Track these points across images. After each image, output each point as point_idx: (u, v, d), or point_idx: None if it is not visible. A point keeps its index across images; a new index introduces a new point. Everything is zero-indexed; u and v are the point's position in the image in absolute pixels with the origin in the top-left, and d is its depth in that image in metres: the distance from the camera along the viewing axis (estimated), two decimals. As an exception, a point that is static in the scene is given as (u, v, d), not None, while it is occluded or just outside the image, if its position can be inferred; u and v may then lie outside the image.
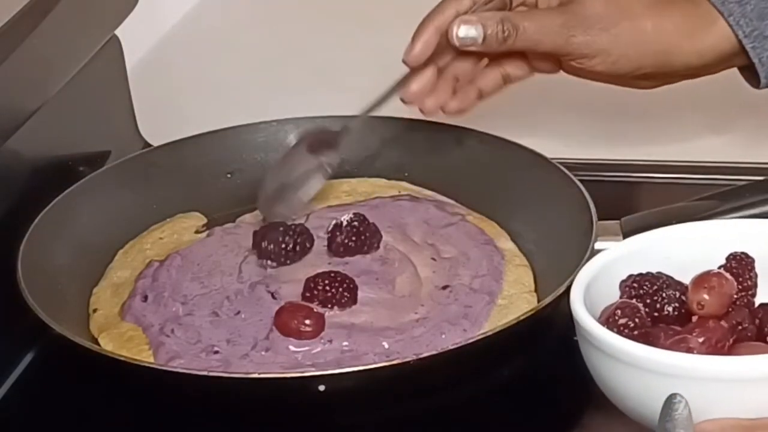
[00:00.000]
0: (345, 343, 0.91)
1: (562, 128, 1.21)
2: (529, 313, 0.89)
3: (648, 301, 0.83)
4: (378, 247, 1.00)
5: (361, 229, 1.00)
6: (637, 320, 0.79)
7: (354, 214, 1.01)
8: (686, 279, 0.83)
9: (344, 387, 0.85)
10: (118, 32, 1.18)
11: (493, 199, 1.06)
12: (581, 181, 1.01)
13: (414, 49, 0.97)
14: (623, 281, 0.84)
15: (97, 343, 0.93)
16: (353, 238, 0.99)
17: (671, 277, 0.84)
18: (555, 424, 0.89)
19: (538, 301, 0.94)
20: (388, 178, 1.12)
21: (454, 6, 0.97)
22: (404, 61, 0.98)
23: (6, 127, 0.98)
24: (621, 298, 0.83)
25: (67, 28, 1.06)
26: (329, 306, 0.93)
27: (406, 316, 0.94)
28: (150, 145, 1.19)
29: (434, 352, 0.85)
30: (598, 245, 0.92)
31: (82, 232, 1.03)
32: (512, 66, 1.02)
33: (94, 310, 0.98)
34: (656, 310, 0.83)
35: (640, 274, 0.84)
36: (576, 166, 1.04)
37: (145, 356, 0.92)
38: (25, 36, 0.97)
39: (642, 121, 1.22)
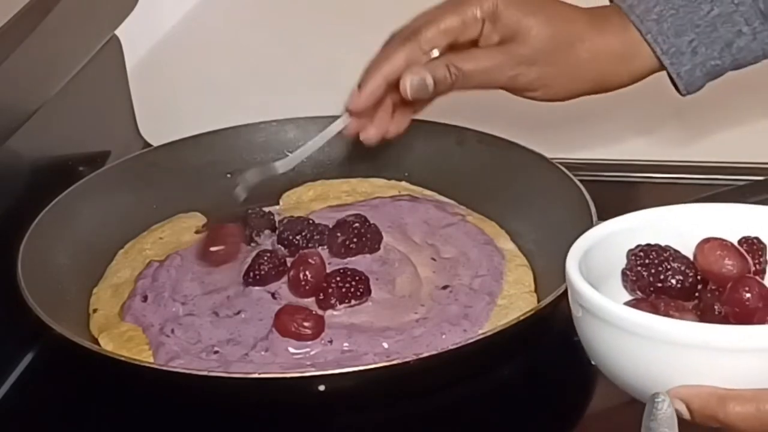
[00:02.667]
0: (345, 344, 0.91)
1: (562, 128, 1.21)
2: (529, 313, 0.89)
3: (653, 270, 0.83)
4: (378, 247, 1.00)
5: (362, 230, 1.00)
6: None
7: (355, 214, 1.01)
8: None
9: (344, 387, 0.85)
10: (118, 32, 1.18)
11: (493, 199, 1.06)
12: (581, 181, 1.01)
13: (360, 99, 0.99)
14: (631, 249, 0.84)
15: (97, 343, 0.93)
16: (354, 239, 0.99)
17: (678, 251, 0.84)
18: (555, 424, 0.89)
19: (538, 301, 0.94)
20: (388, 178, 1.12)
21: (404, 55, 0.97)
22: (347, 109, 1.00)
23: (6, 127, 0.99)
24: (627, 266, 0.83)
25: (67, 28, 1.06)
26: (347, 301, 0.93)
27: (406, 316, 0.94)
28: (150, 145, 1.19)
29: (434, 352, 0.85)
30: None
31: (82, 232, 1.03)
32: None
33: (94, 310, 0.98)
34: (660, 281, 0.83)
35: (648, 244, 0.84)
36: (576, 166, 1.04)
37: (145, 356, 0.92)
38: (25, 36, 0.97)
39: (642, 121, 1.22)
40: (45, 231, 0.99)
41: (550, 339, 0.94)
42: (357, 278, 0.94)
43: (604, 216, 0.97)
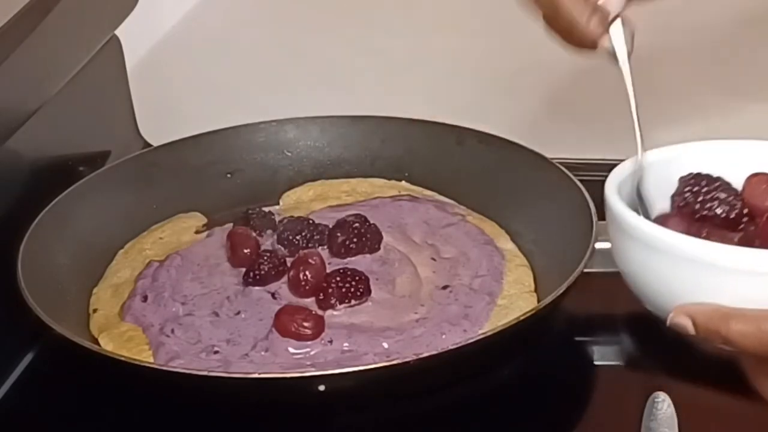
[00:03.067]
0: (345, 344, 0.91)
1: (562, 128, 1.21)
2: (529, 313, 0.89)
3: (701, 198, 0.84)
4: (378, 247, 1.00)
5: (362, 230, 1.00)
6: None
7: (355, 214, 1.01)
8: None
9: (344, 387, 0.85)
10: (118, 32, 1.18)
11: (493, 199, 1.06)
12: (581, 181, 1.01)
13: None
14: (683, 177, 0.86)
15: (97, 343, 0.93)
16: (354, 239, 0.99)
17: (729, 183, 0.85)
18: (555, 424, 0.89)
19: (538, 301, 0.94)
20: (388, 178, 1.12)
21: None
22: None
23: (6, 127, 0.98)
24: (677, 191, 0.86)
25: (67, 28, 1.06)
26: (347, 301, 0.93)
27: (406, 316, 0.94)
28: (150, 145, 1.19)
29: (434, 352, 0.85)
30: (598, 245, 0.92)
31: (82, 232, 1.03)
32: None
33: (94, 310, 0.98)
34: (706, 209, 0.84)
35: (699, 173, 0.85)
36: (576, 166, 1.04)
37: (145, 356, 0.92)
38: (25, 36, 0.97)
39: (642, 121, 1.22)
40: (45, 231, 0.99)
41: (550, 339, 0.94)
42: (357, 278, 0.94)
43: (603, 216, 0.97)
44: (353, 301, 0.94)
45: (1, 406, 0.93)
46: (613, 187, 0.86)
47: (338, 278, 0.94)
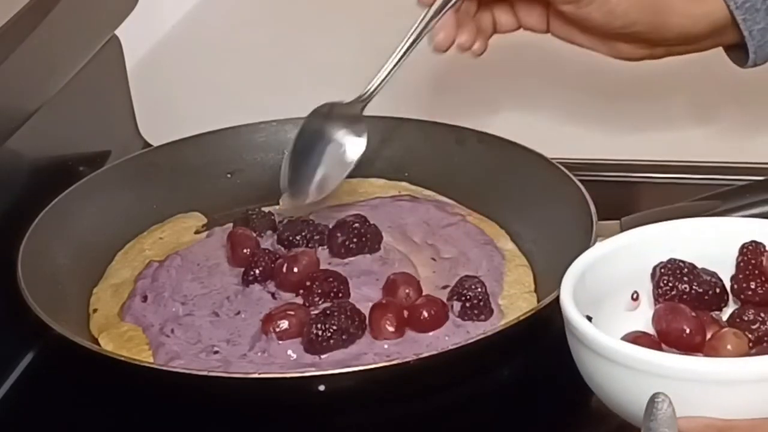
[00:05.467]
0: (345, 344, 0.91)
1: (562, 128, 1.21)
2: (529, 313, 0.89)
3: (693, 282, 0.83)
4: (378, 247, 1.00)
5: (362, 230, 1.00)
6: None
7: (355, 214, 1.01)
8: None
9: (344, 387, 0.85)
10: (118, 32, 1.18)
11: (493, 199, 1.06)
12: (581, 181, 1.01)
13: None
14: (657, 264, 0.84)
15: (97, 343, 0.93)
16: (354, 240, 0.99)
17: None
18: (555, 424, 0.89)
19: (538, 301, 0.94)
20: (388, 178, 1.12)
21: None
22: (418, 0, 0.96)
23: (6, 127, 0.98)
24: (655, 278, 0.84)
25: (67, 28, 1.06)
26: (327, 300, 0.93)
27: (406, 316, 0.94)
28: (150, 145, 1.19)
29: (434, 352, 0.85)
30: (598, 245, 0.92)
31: (82, 232, 1.03)
32: (501, 13, 1.00)
33: (94, 310, 0.98)
34: (699, 293, 0.83)
35: (672, 259, 0.84)
36: (576, 166, 1.04)
37: (145, 356, 0.92)
38: (25, 36, 0.97)
39: (642, 121, 1.22)
40: (45, 231, 0.99)
41: (550, 339, 0.94)
42: (334, 278, 0.94)
43: (603, 216, 0.97)
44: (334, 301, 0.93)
45: (1, 406, 0.93)
46: (570, 289, 0.81)
47: (317, 282, 0.94)
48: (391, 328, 0.91)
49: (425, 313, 0.92)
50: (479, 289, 0.93)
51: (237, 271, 0.99)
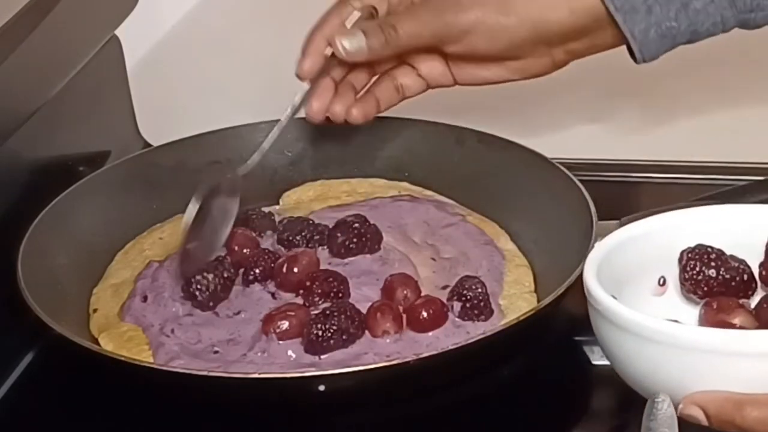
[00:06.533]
0: (345, 344, 0.91)
1: (562, 128, 1.21)
2: (529, 313, 0.89)
3: (721, 268, 0.83)
4: (378, 247, 1.00)
5: (362, 230, 1.00)
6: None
7: (355, 215, 1.01)
8: None
9: (344, 387, 0.85)
10: (118, 32, 1.18)
11: (493, 199, 1.06)
12: (581, 181, 1.01)
13: (305, 62, 1.00)
14: (685, 250, 0.85)
15: (97, 343, 0.93)
16: (354, 240, 0.99)
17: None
18: (555, 424, 0.89)
19: (538, 301, 0.94)
20: (388, 178, 1.12)
21: (338, 16, 0.99)
22: (297, 75, 1.00)
23: (6, 127, 0.98)
24: (682, 263, 0.84)
25: (67, 28, 1.06)
26: (327, 300, 0.93)
27: (406, 316, 0.94)
28: (150, 145, 1.19)
29: (434, 352, 0.85)
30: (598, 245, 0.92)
31: (82, 232, 1.03)
32: (404, 76, 1.02)
33: (94, 310, 0.98)
34: (726, 279, 0.83)
35: (700, 245, 0.85)
36: (576, 166, 1.04)
37: (145, 356, 0.92)
38: (25, 36, 0.97)
39: (642, 121, 1.22)
40: (45, 231, 0.99)
41: (550, 339, 0.94)
42: (335, 279, 0.95)
43: (603, 216, 0.97)
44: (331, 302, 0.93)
45: (1, 406, 0.93)
46: (593, 268, 0.83)
47: (318, 281, 0.94)
48: (388, 328, 0.91)
49: (424, 313, 0.92)
50: (479, 290, 0.93)
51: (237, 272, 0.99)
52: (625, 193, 1.14)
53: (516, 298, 0.96)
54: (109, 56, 1.18)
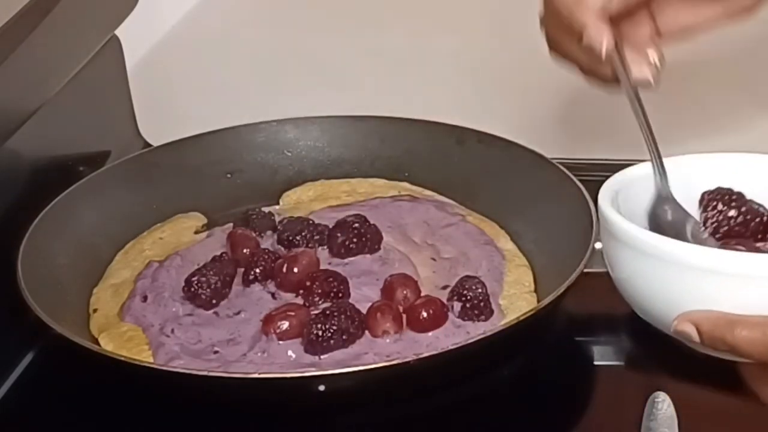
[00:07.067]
0: (345, 344, 0.91)
1: (562, 128, 1.21)
2: (529, 313, 0.89)
3: (742, 207, 0.84)
4: (378, 247, 1.00)
5: (362, 230, 1.00)
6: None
7: (355, 215, 1.01)
8: None
9: (344, 387, 0.85)
10: (118, 32, 1.18)
11: (493, 199, 1.06)
12: (581, 181, 1.01)
13: (603, 36, 0.88)
14: (706, 191, 0.86)
15: (97, 343, 0.93)
16: (354, 240, 0.99)
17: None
18: (554, 425, 0.89)
19: (538, 301, 0.94)
20: (388, 178, 1.12)
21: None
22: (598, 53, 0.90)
23: (6, 127, 0.98)
24: (702, 203, 0.86)
25: (67, 28, 1.06)
26: (327, 300, 0.93)
27: (406, 316, 0.94)
28: (150, 145, 1.19)
29: (434, 352, 0.85)
30: (598, 245, 0.92)
31: (82, 232, 1.03)
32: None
33: (94, 310, 0.98)
34: (747, 220, 0.84)
35: (721, 187, 0.86)
36: (576, 166, 1.04)
37: (145, 356, 0.92)
38: (25, 36, 0.97)
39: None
40: (45, 231, 0.99)
41: (550, 339, 0.94)
42: (336, 279, 0.94)
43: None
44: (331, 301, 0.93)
45: (1, 406, 0.93)
46: (608, 192, 0.85)
47: (317, 281, 0.94)
48: (388, 328, 0.91)
49: (424, 313, 0.92)
50: (479, 290, 0.93)
51: (237, 271, 0.99)
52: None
53: (516, 298, 0.96)
54: (109, 56, 1.18)
